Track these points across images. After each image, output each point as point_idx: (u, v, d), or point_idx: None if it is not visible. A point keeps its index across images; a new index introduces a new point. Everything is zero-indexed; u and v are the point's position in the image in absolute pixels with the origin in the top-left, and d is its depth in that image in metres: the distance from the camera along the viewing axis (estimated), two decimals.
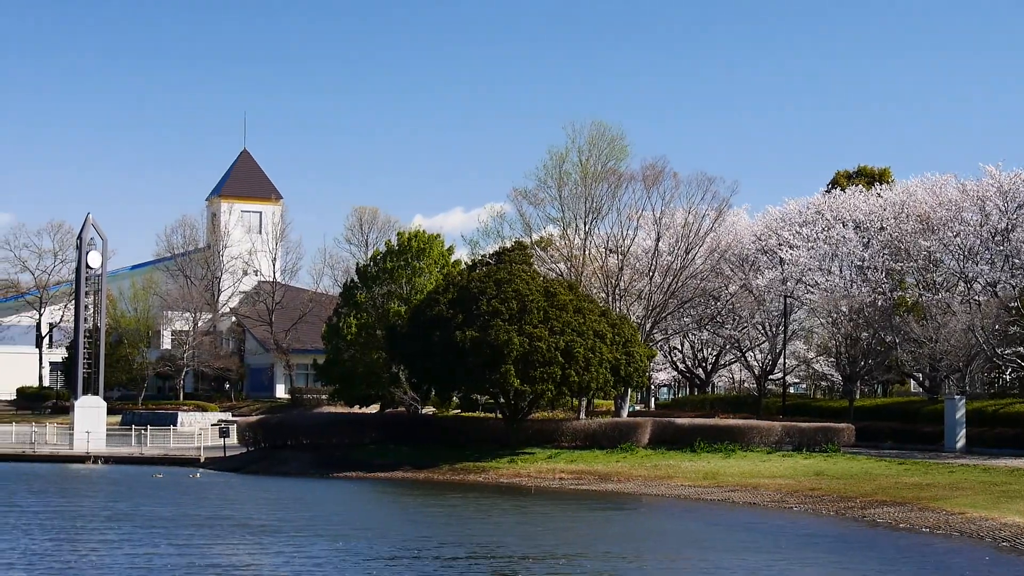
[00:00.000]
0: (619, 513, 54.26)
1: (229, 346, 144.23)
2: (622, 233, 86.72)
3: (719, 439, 71.75)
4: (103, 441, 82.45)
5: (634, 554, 40.35)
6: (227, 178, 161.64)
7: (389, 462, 71.34)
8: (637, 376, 72.65)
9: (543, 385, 68.72)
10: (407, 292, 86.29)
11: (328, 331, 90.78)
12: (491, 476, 67.73)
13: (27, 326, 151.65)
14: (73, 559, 37.83)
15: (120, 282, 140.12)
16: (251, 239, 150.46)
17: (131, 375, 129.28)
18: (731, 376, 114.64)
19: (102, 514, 49.52)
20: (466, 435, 74.95)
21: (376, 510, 54.63)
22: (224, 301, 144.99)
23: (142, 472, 71.26)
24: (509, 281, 71.04)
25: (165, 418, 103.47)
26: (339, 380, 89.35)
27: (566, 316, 70.16)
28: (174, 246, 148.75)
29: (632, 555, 40.15)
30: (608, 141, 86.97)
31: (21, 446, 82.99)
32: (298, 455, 73.99)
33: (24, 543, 40.57)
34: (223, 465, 74.35)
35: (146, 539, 41.92)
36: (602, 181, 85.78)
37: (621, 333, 71.74)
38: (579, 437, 73.44)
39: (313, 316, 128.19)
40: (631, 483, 64.01)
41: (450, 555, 39.28)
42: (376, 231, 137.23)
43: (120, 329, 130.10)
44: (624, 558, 39.76)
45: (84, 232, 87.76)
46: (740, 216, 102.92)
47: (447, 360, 69.74)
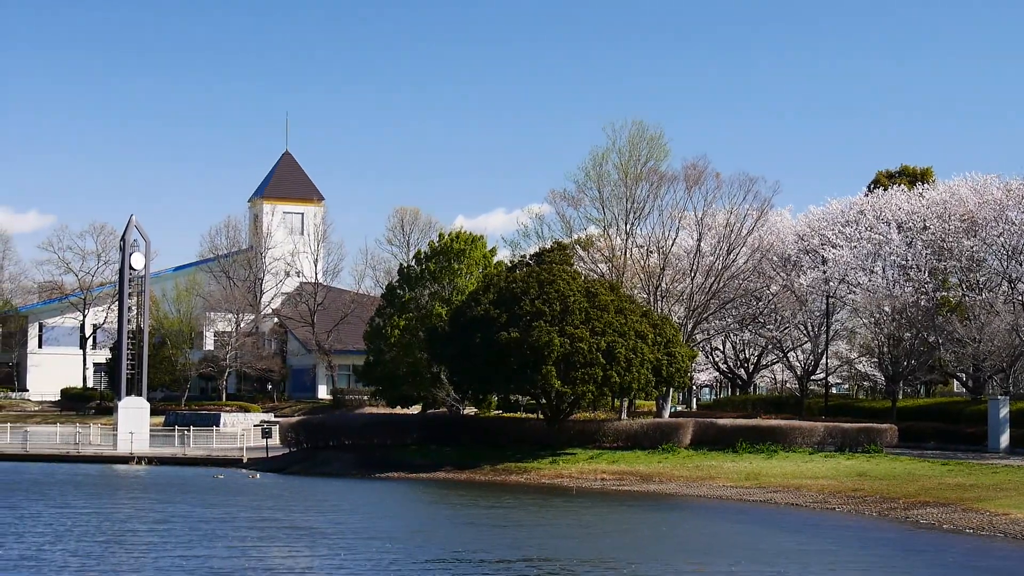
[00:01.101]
0: (667, 514, 53.79)
1: (271, 347, 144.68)
2: (663, 233, 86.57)
3: (761, 440, 71.48)
4: (146, 442, 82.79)
5: (698, 561, 39.72)
6: (269, 179, 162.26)
7: (430, 463, 71.40)
8: (679, 377, 72.48)
9: (584, 386, 68.63)
10: (449, 293, 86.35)
11: (370, 332, 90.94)
12: (533, 477, 67.69)
13: (71, 327, 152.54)
14: (131, 560, 37.88)
15: (163, 283, 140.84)
16: (293, 240, 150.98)
17: (174, 376, 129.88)
18: (773, 376, 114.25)
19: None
20: (507, 436, 74.93)
21: (426, 512, 54.23)
22: (266, 302, 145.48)
23: (198, 473, 71.41)
24: (551, 282, 70.97)
25: (208, 419, 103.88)
26: (380, 381, 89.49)
27: (607, 317, 70.05)
28: (217, 247, 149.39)
29: (697, 562, 39.58)
30: (648, 141, 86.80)
31: (65, 446, 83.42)
32: (340, 455, 74.14)
33: (78, 547, 40.35)
34: (265, 466, 74.57)
35: (203, 541, 41.87)
36: (643, 181, 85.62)
37: (663, 333, 71.59)
38: (620, 438, 73.32)
39: (355, 317, 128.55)
40: (673, 484, 63.86)
41: (508, 558, 39.04)
42: (417, 232, 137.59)
43: (163, 330, 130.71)
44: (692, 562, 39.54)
45: (127, 234, 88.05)
46: (782, 216, 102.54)
47: (488, 361, 69.72)
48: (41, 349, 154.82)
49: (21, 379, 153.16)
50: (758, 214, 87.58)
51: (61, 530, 44.27)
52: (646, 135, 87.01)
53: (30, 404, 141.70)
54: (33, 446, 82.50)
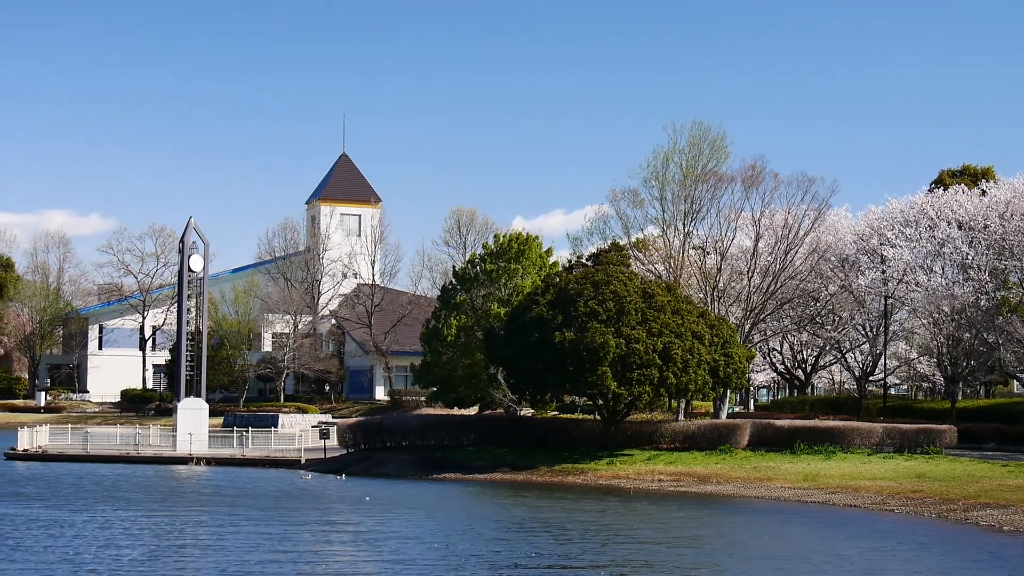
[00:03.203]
0: (732, 517, 53.33)
1: (329, 348, 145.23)
2: (721, 234, 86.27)
3: (819, 441, 71.07)
4: (205, 443, 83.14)
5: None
6: (327, 182, 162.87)
7: (487, 463, 71.40)
8: (736, 377, 72.17)
9: (640, 387, 68.46)
10: (506, 294, 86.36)
11: (427, 333, 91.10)
12: (590, 478, 67.59)
13: (131, 329, 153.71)
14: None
15: (221, 285, 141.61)
16: (350, 242, 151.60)
17: (232, 377, 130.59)
18: (831, 377, 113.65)
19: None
20: (564, 437, 74.87)
21: (497, 514, 53.42)
22: (324, 304, 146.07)
23: (265, 476, 71.60)
24: (607, 283, 70.84)
25: (266, 420, 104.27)
26: (437, 382, 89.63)
27: (664, 317, 69.84)
28: (275, 249, 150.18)
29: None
30: (709, 142, 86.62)
31: (125, 447, 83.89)
32: (397, 456, 74.27)
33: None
34: (323, 467, 74.77)
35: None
36: (701, 182, 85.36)
37: (720, 334, 71.33)
38: (677, 439, 73.13)
39: (412, 318, 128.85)
40: (730, 485, 63.60)
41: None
42: (474, 233, 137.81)
43: (221, 332, 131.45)
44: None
45: (186, 236, 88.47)
46: (840, 216, 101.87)
47: (544, 362, 69.66)
48: (101, 351, 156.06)
49: (82, 380, 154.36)
50: (816, 214, 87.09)
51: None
52: (708, 136, 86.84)
53: (90, 405, 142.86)
54: (94, 447, 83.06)
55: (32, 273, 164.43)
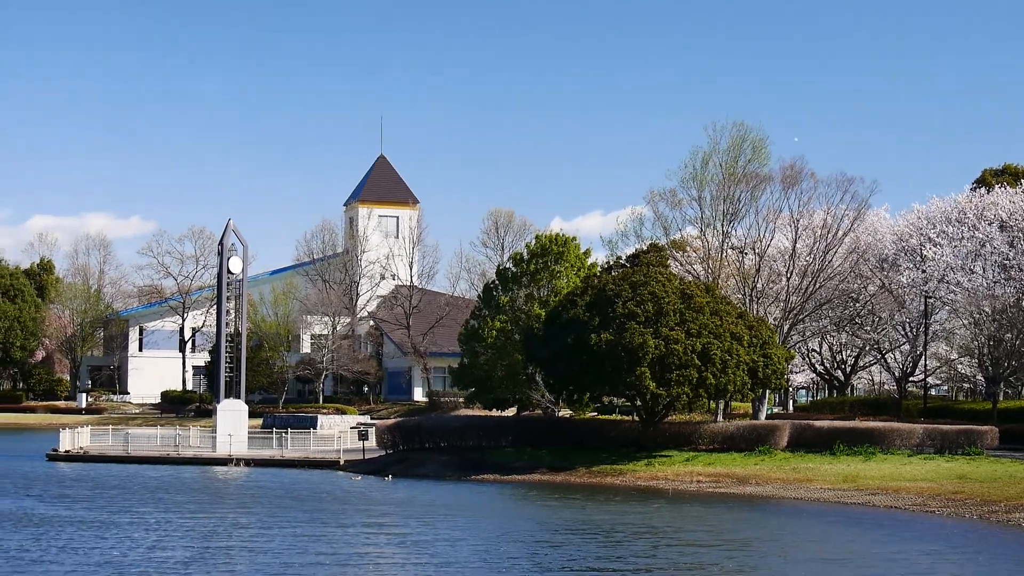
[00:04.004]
0: (777, 519, 52.93)
1: (367, 350, 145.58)
2: (759, 234, 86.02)
3: (859, 442, 70.68)
4: (245, 444, 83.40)
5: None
6: (364, 183, 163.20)
7: (526, 464, 71.40)
8: (775, 378, 71.96)
9: (679, 388, 68.32)
10: (545, 295, 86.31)
11: (465, 334, 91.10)
12: (628, 479, 67.50)
13: (171, 331, 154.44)
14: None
15: (260, 287, 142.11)
16: (388, 243, 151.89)
17: (272, 378, 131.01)
18: (870, 378, 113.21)
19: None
20: (602, 438, 74.82)
21: (543, 516, 53.09)
22: (362, 305, 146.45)
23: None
24: (645, 283, 70.75)
25: (305, 421, 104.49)
26: (476, 383, 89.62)
27: (703, 318, 69.69)
28: (313, 251, 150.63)
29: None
30: (750, 143, 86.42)
31: (165, 448, 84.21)
32: (435, 457, 74.35)
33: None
34: (362, 468, 74.91)
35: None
36: (741, 183, 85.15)
37: (759, 335, 71.13)
38: (716, 440, 72.96)
39: (450, 320, 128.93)
40: (769, 486, 63.37)
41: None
42: (512, 234, 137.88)
43: (261, 333, 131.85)
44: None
45: (225, 238, 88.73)
46: (880, 216, 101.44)
47: (583, 363, 69.62)
48: (142, 352, 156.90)
49: (122, 382, 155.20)
50: (855, 214, 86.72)
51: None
52: (749, 137, 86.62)
53: (131, 407, 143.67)
54: (134, 448, 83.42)
55: (73, 275, 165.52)
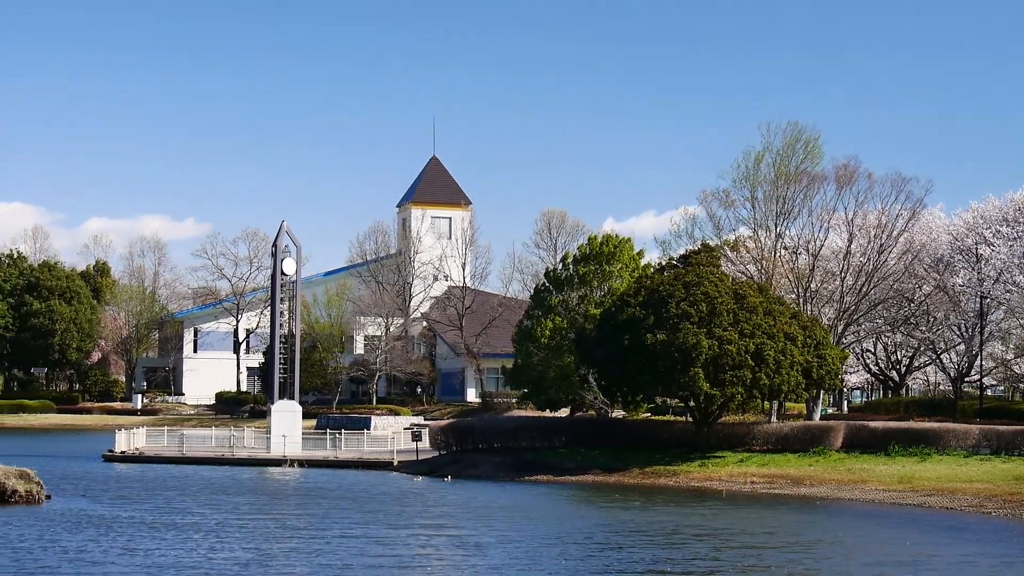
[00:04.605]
0: (837, 521, 52.43)
1: (420, 351, 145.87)
2: (813, 234, 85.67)
3: (914, 442, 70.21)
4: (299, 445, 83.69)
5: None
6: (417, 184, 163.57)
7: (579, 465, 71.39)
8: (829, 379, 71.68)
9: (733, 388, 68.20)
10: (599, 296, 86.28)
11: (518, 335, 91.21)
12: (681, 480, 67.41)
13: (225, 332, 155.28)
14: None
15: (314, 288, 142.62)
16: (441, 244, 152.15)
17: (325, 380, 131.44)
18: (926, 378, 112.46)
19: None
20: (655, 438, 74.69)
21: (604, 517, 52.92)
22: (415, 306, 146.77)
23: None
24: (698, 284, 70.64)
25: (358, 422, 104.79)
26: (529, 384, 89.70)
27: (756, 318, 69.52)
28: (366, 252, 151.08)
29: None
30: (804, 143, 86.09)
31: (220, 449, 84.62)
32: (488, 458, 74.44)
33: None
34: (415, 468, 75.10)
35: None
36: (794, 182, 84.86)
37: (812, 335, 70.87)
38: (770, 440, 72.70)
39: (502, 320, 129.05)
40: (824, 487, 63.12)
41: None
42: (565, 235, 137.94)
43: (314, 334, 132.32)
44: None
45: (279, 239, 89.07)
46: (935, 215, 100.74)
47: (636, 363, 69.57)
48: (196, 354, 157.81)
49: (177, 383, 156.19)
50: (910, 214, 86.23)
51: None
52: (802, 137, 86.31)
53: (186, 407, 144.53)
54: (189, 449, 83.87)
55: (128, 277, 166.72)
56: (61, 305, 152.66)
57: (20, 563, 37.30)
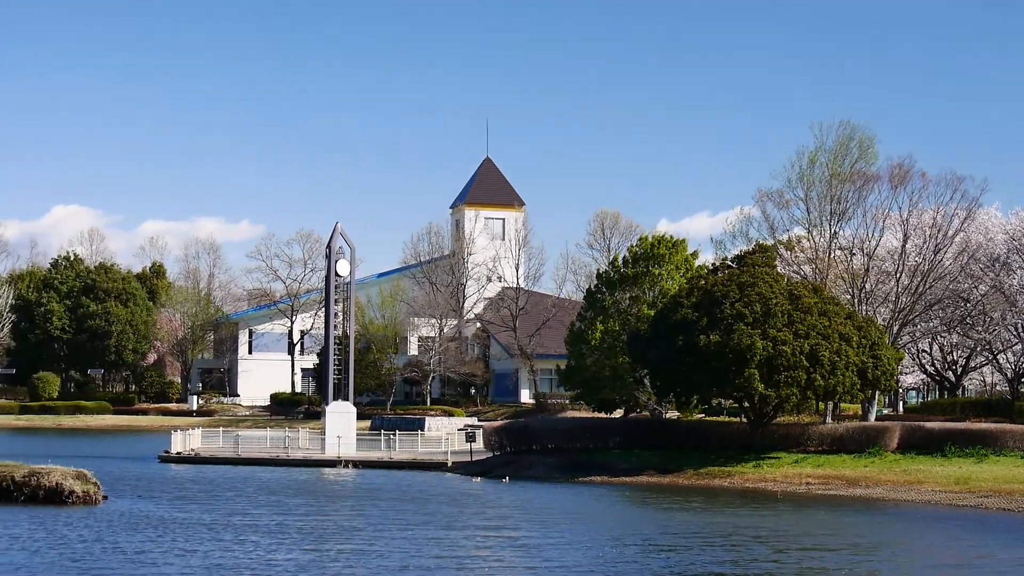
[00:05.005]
0: (899, 523, 52.23)
1: (474, 351, 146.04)
2: (867, 234, 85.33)
3: (970, 443, 69.80)
4: (353, 446, 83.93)
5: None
6: (470, 186, 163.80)
7: (633, 466, 71.36)
8: (884, 379, 71.36)
9: (787, 389, 68.00)
10: (650, 297, 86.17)
11: (571, 336, 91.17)
12: (736, 481, 67.25)
13: (279, 334, 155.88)
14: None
15: (368, 289, 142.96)
16: (494, 246, 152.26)
17: (379, 381, 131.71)
18: (982, 379, 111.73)
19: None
20: (709, 439, 74.50)
21: (663, 519, 52.45)
22: (469, 307, 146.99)
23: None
24: (752, 284, 70.48)
25: (413, 423, 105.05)
26: (582, 385, 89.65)
27: (811, 319, 69.29)
28: (420, 253, 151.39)
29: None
30: (858, 143, 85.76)
31: (275, 450, 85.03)
32: (542, 459, 74.47)
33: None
34: (469, 469, 75.22)
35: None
36: (848, 182, 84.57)
37: (868, 336, 70.57)
38: (825, 441, 72.38)
39: (556, 321, 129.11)
40: (879, 488, 62.86)
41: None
42: (618, 236, 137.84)
43: (368, 335, 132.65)
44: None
45: (333, 241, 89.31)
46: (991, 214, 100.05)
47: (690, 364, 69.46)
48: (251, 355, 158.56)
49: (232, 384, 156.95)
50: (965, 213, 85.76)
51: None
52: (856, 136, 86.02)
53: (241, 408, 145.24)
54: (244, 450, 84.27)
55: (184, 279, 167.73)
56: (117, 307, 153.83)
57: (79, 563, 37.53)
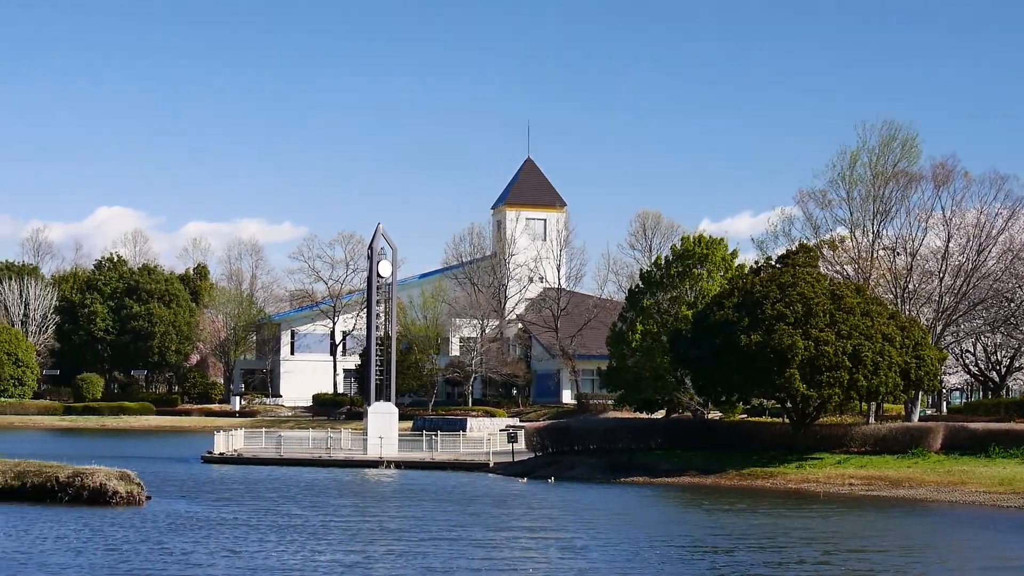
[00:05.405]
0: (947, 525, 52.09)
1: (516, 352, 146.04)
2: (910, 234, 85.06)
3: (1014, 444, 69.32)
4: (395, 446, 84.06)
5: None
6: (512, 186, 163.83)
7: (674, 467, 71.28)
8: (928, 380, 71.09)
9: (830, 390, 67.80)
10: (691, 297, 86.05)
11: (613, 337, 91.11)
12: (779, 481, 67.08)
13: (321, 335, 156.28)
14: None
15: (409, 290, 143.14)
16: (536, 246, 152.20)
17: (421, 381, 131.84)
18: None
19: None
20: (752, 440, 74.31)
21: (708, 520, 52.19)
22: (510, 308, 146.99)
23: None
24: (793, 284, 70.32)
25: (454, 423, 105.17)
26: (624, 385, 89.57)
27: (853, 319, 69.07)
28: (461, 254, 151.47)
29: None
30: (900, 142, 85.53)
31: (317, 451, 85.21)
32: (584, 460, 74.47)
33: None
34: (511, 470, 75.28)
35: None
36: (891, 181, 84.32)
37: (911, 336, 70.30)
38: (868, 442, 72.09)
39: (597, 322, 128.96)
40: (923, 489, 62.58)
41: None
42: (660, 236, 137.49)
43: (410, 336, 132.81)
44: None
45: (374, 242, 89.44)
46: None
47: (731, 365, 69.35)
48: (293, 356, 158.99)
49: (274, 385, 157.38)
50: (1009, 213, 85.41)
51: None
52: (899, 136, 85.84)
53: (283, 409, 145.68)
54: (287, 450, 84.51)
55: (226, 280, 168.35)
56: (160, 308, 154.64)
57: (127, 563, 37.68)
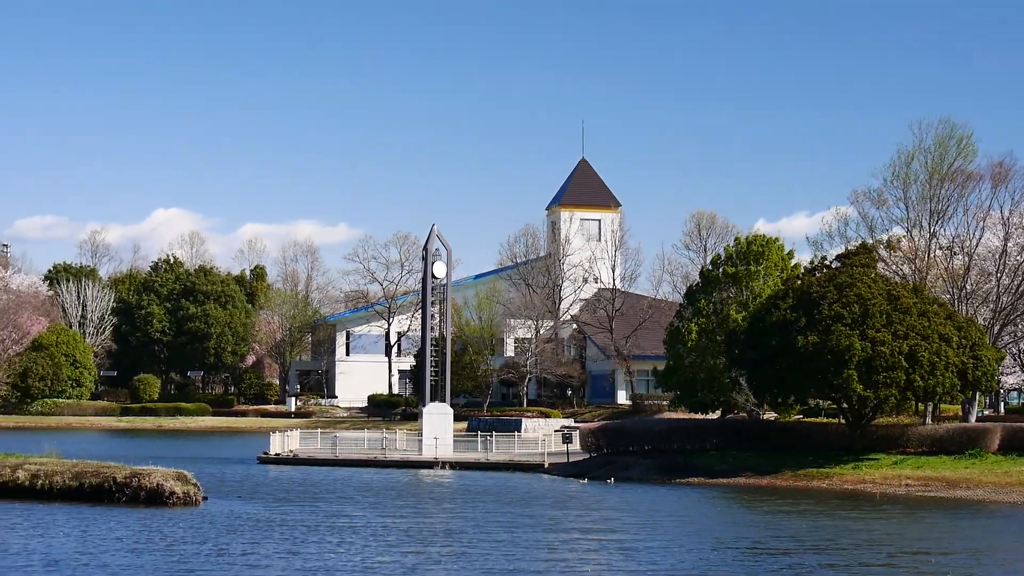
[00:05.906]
0: (1012, 524, 51.92)
1: (570, 353, 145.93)
2: (968, 233, 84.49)
3: None
4: (450, 447, 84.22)
5: None
6: (566, 187, 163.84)
7: (730, 468, 71.09)
8: (985, 380, 70.61)
9: (886, 390, 67.43)
10: (747, 297, 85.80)
11: (668, 337, 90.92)
12: (835, 482, 66.79)
13: (376, 336, 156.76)
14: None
15: (464, 291, 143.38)
16: (590, 247, 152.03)
17: (476, 382, 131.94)
18: None
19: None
20: (807, 441, 74.00)
21: (769, 522, 51.81)
22: (565, 308, 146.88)
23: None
24: (850, 285, 70.01)
25: (509, 424, 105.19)
26: (679, 386, 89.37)
27: (910, 320, 68.70)
28: (516, 255, 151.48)
29: None
30: (957, 141, 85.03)
31: (372, 451, 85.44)
32: (639, 461, 74.39)
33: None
34: (566, 471, 75.27)
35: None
36: (948, 181, 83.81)
37: (968, 336, 69.85)
38: (924, 443, 71.66)
39: (652, 322, 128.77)
40: (980, 490, 62.22)
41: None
42: (715, 236, 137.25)
43: (465, 337, 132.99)
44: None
45: (429, 243, 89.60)
46: None
47: (787, 365, 69.14)
48: (348, 357, 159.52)
49: (330, 386, 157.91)
50: None
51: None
52: (955, 134, 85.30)
53: (339, 410, 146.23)
54: (342, 451, 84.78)
55: (282, 282, 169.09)
56: (216, 309, 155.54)
57: (186, 564, 37.88)
